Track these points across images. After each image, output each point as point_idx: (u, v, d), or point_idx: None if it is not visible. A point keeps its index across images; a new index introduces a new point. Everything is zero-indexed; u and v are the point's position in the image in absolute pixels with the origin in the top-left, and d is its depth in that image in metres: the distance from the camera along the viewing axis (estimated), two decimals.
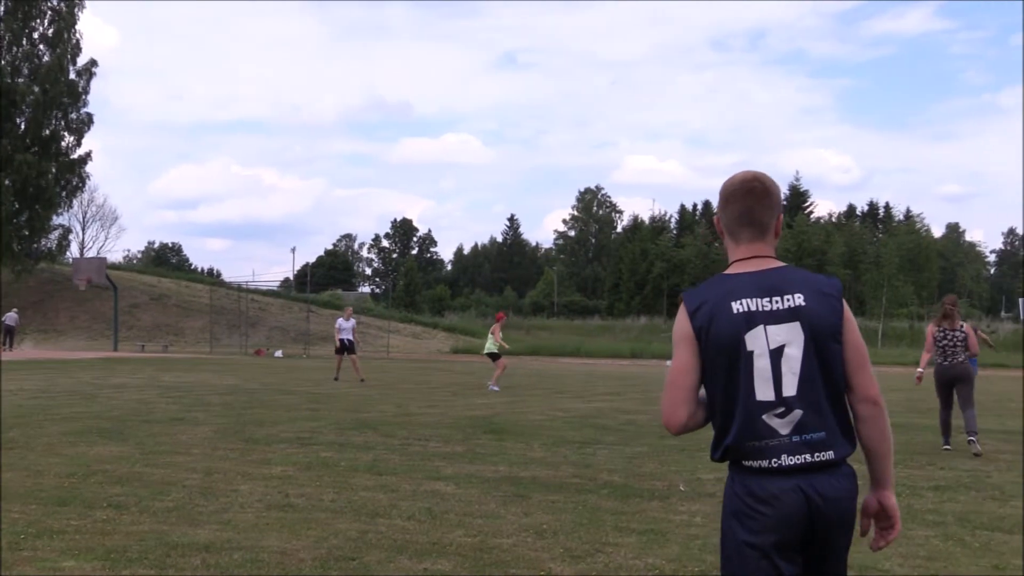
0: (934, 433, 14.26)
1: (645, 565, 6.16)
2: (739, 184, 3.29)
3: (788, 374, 2.98)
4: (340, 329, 27.22)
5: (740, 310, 3.03)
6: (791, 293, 3.04)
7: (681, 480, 9.51)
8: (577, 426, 14.62)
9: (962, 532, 7.23)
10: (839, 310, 3.05)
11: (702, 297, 3.11)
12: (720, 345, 3.02)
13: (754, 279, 3.10)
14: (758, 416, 2.99)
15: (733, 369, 3.01)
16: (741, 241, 3.22)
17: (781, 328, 3.00)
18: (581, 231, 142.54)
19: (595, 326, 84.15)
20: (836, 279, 3.16)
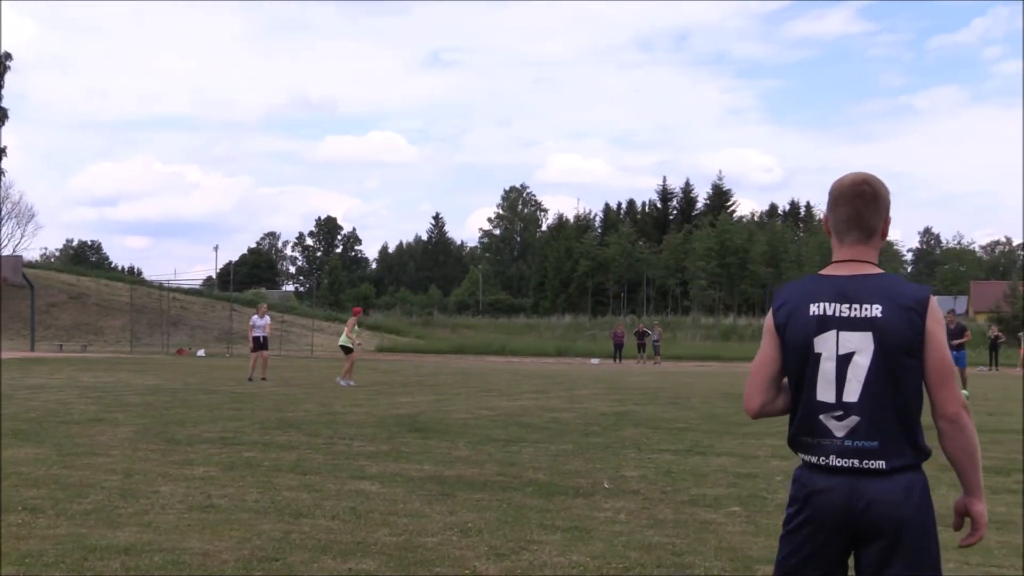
0: None
1: (569, 562, 6.18)
2: (848, 187, 3.33)
3: (853, 380, 3.08)
4: (254, 326, 26.85)
5: (815, 313, 3.15)
6: (870, 303, 3.10)
7: (606, 478, 9.55)
8: (502, 424, 14.63)
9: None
10: (919, 325, 3.06)
11: (787, 295, 3.26)
12: (793, 343, 3.17)
13: (838, 284, 3.18)
14: (816, 415, 3.13)
15: (802, 367, 3.15)
16: (845, 243, 3.27)
17: (853, 336, 3.09)
18: (506, 230, 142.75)
19: (520, 324, 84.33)
20: (924, 291, 3.13)
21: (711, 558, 6.30)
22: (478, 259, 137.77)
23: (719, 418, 16.00)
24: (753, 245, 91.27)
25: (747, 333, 71.77)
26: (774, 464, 10.61)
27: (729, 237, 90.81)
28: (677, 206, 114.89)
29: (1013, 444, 12.82)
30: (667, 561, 6.22)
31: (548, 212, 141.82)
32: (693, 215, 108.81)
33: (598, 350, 55.32)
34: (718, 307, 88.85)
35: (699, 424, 14.99)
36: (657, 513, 7.77)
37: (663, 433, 13.71)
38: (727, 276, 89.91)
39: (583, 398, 20.45)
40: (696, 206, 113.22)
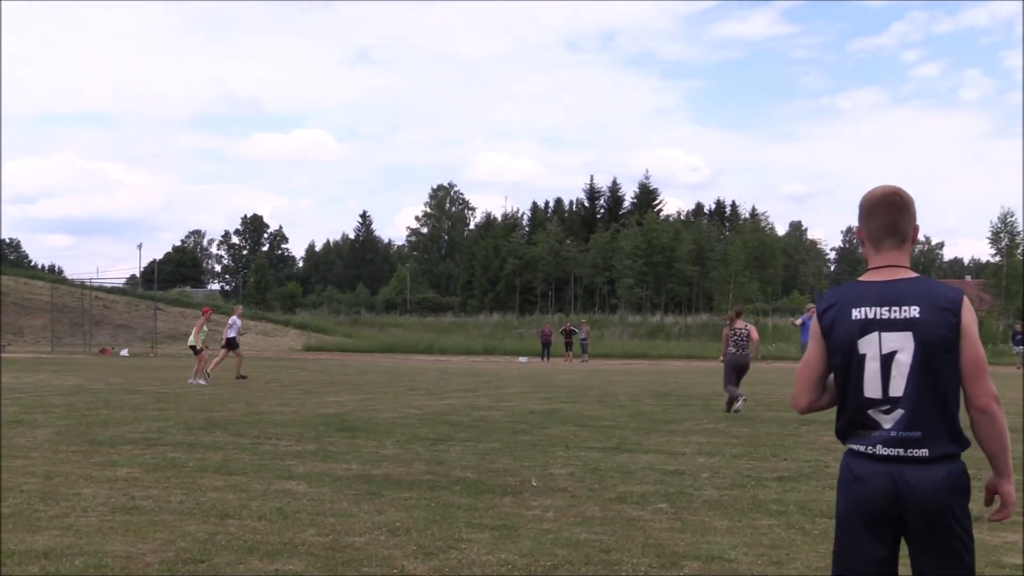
0: (778, 425, 14.73)
1: (498, 560, 6.18)
2: (880, 198, 3.56)
3: (897, 377, 3.36)
4: (230, 326, 27.29)
5: (858, 317, 3.42)
6: (908, 305, 3.37)
7: (534, 476, 9.57)
8: (430, 423, 14.60)
9: (803, 520, 7.45)
10: (954, 324, 3.33)
11: (832, 300, 3.54)
12: (838, 345, 3.46)
13: (878, 289, 3.44)
14: (864, 410, 3.44)
15: (848, 367, 3.45)
16: (881, 250, 3.53)
17: (895, 336, 3.36)
18: (434, 228, 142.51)
19: (448, 323, 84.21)
20: (957, 293, 3.40)
21: (638, 555, 6.33)
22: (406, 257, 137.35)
23: (646, 416, 16.10)
24: (679, 244, 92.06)
25: (674, 331, 72.37)
26: (700, 461, 10.71)
27: (656, 236, 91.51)
28: (604, 205, 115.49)
29: None
30: (595, 558, 6.24)
31: (476, 211, 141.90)
32: (620, 214, 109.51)
33: (526, 348, 55.41)
34: (645, 305, 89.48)
35: (626, 422, 15.07)
36: (585, 510, 7.80)
37: (591, 431, 13.77)
38: (654, 275, 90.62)
39: (511, 396, 20.47)
40: (623, 205, 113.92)
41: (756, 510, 7.84)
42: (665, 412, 16.71)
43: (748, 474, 9.76)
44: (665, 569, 6.00)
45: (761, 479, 9.45)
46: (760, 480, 9.39)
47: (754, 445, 12.14)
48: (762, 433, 13.64)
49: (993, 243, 78.83)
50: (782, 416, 16.27)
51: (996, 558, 6.36)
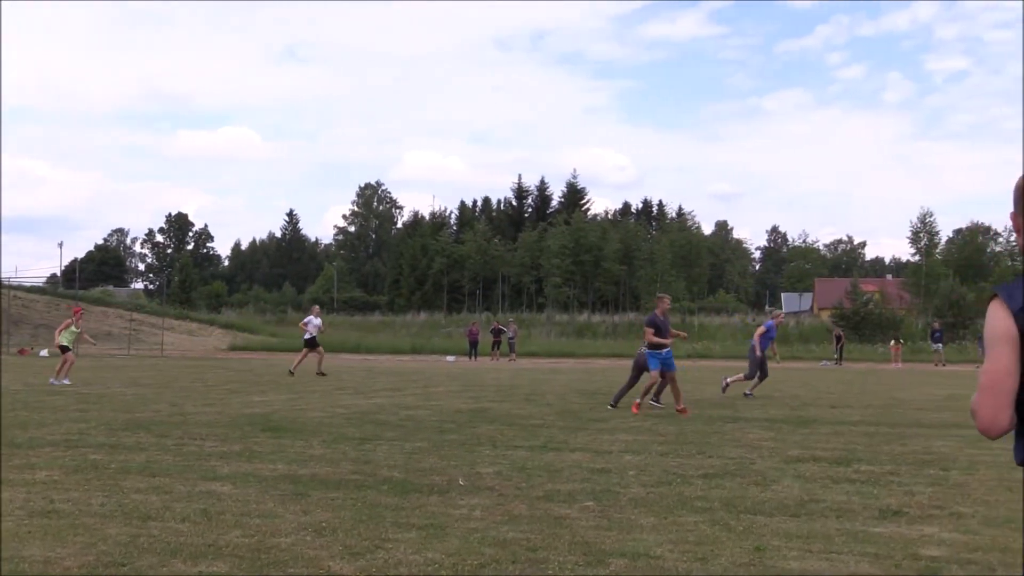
0: (704, 423, 14.88)
1: (424, 560, 6.16)
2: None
3: None
4: (308, 324, 28.86)
5: None
6: None
7: (461, 475, 9.56)
8: (357, 422, 14.53)
9: (728, 517, 7.52)
10: None
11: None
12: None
13: None
14: None
15: None
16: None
17: None
18: (361, 227, 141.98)
19: (375, 322, 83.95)
20: None
21: (565, 553, 6.36)
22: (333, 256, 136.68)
23: (573, 414, 16.18)
24: (607, 243, 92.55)
25: (601, 330, 72.83)
26: (627, 459, 10.78)
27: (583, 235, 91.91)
28: (532, 204, 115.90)
29: (852, 436, 13.28)
30: (521, 556, 6.25)
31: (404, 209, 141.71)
32: (548, 213, 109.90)
33: (453, 347, 55.39)
34: (572, 304, 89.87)
35: (554, 420, 15.12)
36: (512, 509, 7.81)
37: (518, 429, 13.80)
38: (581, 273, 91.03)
39: (438, 395, 20.44)
40: (551, 204, 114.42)
41: (682, 507, 7.91)
42: (592, 411, 16.80)
43: (674, 472, 9.84)
44: (591, 567, 6.03)
45: (687, 476, 9.53)
46: (686, 477, 9.47)
47: (680, 443, 12.25)
48: (688, 431, 13.76)
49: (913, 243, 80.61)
50: (708, 414, 16.43)
51: (914, 551, 6.48)
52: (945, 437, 13.18)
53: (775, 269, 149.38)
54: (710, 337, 65.47)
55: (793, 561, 6.19)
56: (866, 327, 63.06)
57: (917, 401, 19.90)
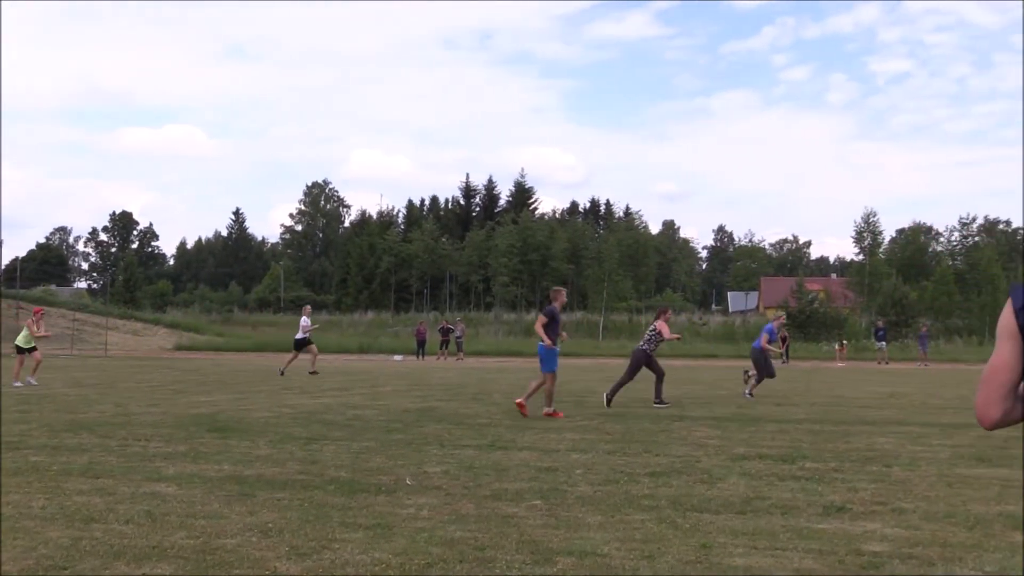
0: (651, 421, 14.95)
1: (371, 560, 6.14)
2: None
3: None
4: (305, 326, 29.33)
5: None
6: None
7: (408, 474, 9.54)
8: (304, 422, 14.46)
9: (675, 515, 7.57)
10: None
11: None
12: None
13: None
14: None
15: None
16: None
17: None
18: (308, 226, 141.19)
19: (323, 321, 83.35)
20: None
21: (512, 552, 6.36)
22: (279, 255, 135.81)
23: (521, 413, 16.18)
24: (554, 242, 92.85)
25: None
26: (574, 457, 10.80)
27: (531, 234, 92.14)
28: (480, 203, 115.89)
29: (797, 433, 13.40)
30: (469, 556, 6.25)
31: (351, 208, 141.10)
32: (496, 212, 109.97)
33: (401, 347, 55.28)
34: (520, 303, 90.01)
35: (501, 419, 15.14)
36: (459, 508, 7.80)
37: (465, 429, 13.79)
38: (529, 273, 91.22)
39: (386, 395, 20.39)
40: (499, 203, 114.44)
41: (629, 505, 7.94)
42: (540, 409, 16.82)
43: (621, 470, 9.88)
44: (539, 566, 6.04)
45: (634, 475, 9.57)
46: (633, 476, 9.51)
47: (627, 441, 12.30)
48: (635, 429, 13.82)
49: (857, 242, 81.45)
50: (655, 412, 16.52)
51: (857, 546, 6.55)
52: (888, 434, 13.35)
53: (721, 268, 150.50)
54: None
55: (739, 558, 6.24)
56: (811, 326, 63.68)
57: (861, 399, 20.13)
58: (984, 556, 6.34)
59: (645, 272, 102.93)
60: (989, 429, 2.92)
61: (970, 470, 10.06)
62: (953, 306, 72.04)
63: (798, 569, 5.98)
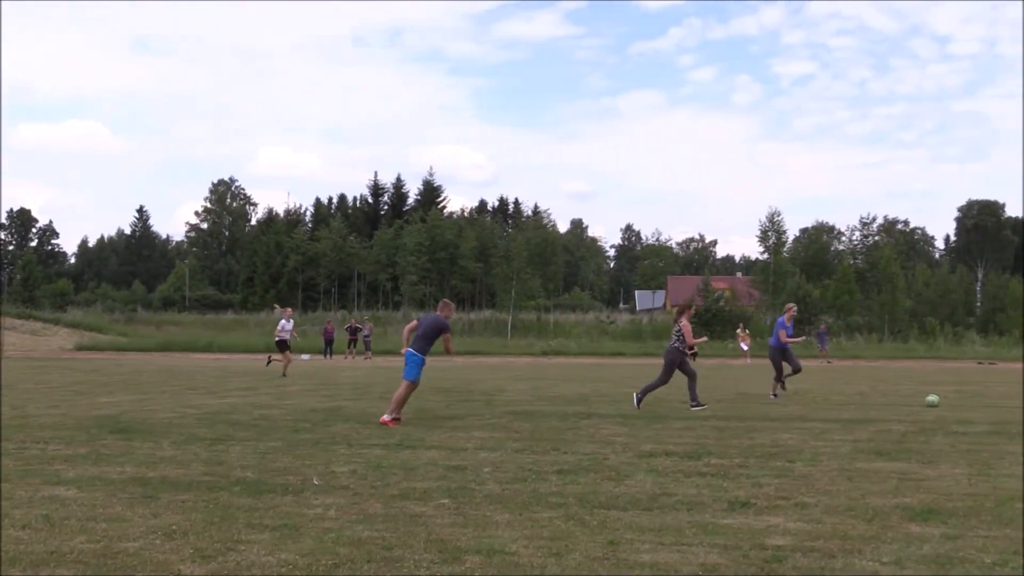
0: (559, 419, 15.01)
1: (278, 561, 6.08)
2: None
3: None
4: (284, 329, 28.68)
5: None
6: None
7: (315, 474, 9.47)
8: (209, 423, 14.27)
9: (582, 512, 7.61)
10: None
11: None
12: None
13: None
14: None
15: None
16: None
17: None
18: (214, 224, 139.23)
19: (229, 320, 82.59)
20: None
21: (420, 551, 6.34)
22: (184, 254, 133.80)
23: (429, 412, 16.16)
24: (463, 241, 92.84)
25: (457, 328, 72.77)
26: (482, 456, 10.81)
27: (439, 233, 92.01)
28: (388, 201, 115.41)
29: (703, 430, 13.56)
30: (377, 555, 6.22)
31: (258, 206, 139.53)
32: (404, 210, 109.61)
33: (308, 346, 54.80)
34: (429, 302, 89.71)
35: (409, 418, 15.08)
36: (367, 508, 7.76)
37: (373, 428, 13.73)
38: (437, 271, 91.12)
39: (293, 394, 20.20)
40: (407, 201, 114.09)
41: (536, 503, 7.97)
42: (448, 408, 16.81)
43: (529, 468, 9.91)
44: (447, 564, 6.03)
45: (542, 473, 9.61)
46: (541, 474, 9.55)
47: (535, 439, 12.33)
48: (543, 427, 13.87)
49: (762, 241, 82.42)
50: (563, 410, 16.60)
51: (760, 541, 6.65)
52: (791, 430, 13.57)
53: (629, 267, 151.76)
54: (565, 334, 66.17)
55: (645, 554, 6.30)
56: (717, 324, 64.49)
57: (765, 395, 20.43)
58: (882, 547, 6.48)
59: (553, 271, 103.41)
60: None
61: (869, 464, 10.28)
62: (854, 304, 73.45)
63: (703, 564, 6.05)
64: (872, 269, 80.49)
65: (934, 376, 30.68)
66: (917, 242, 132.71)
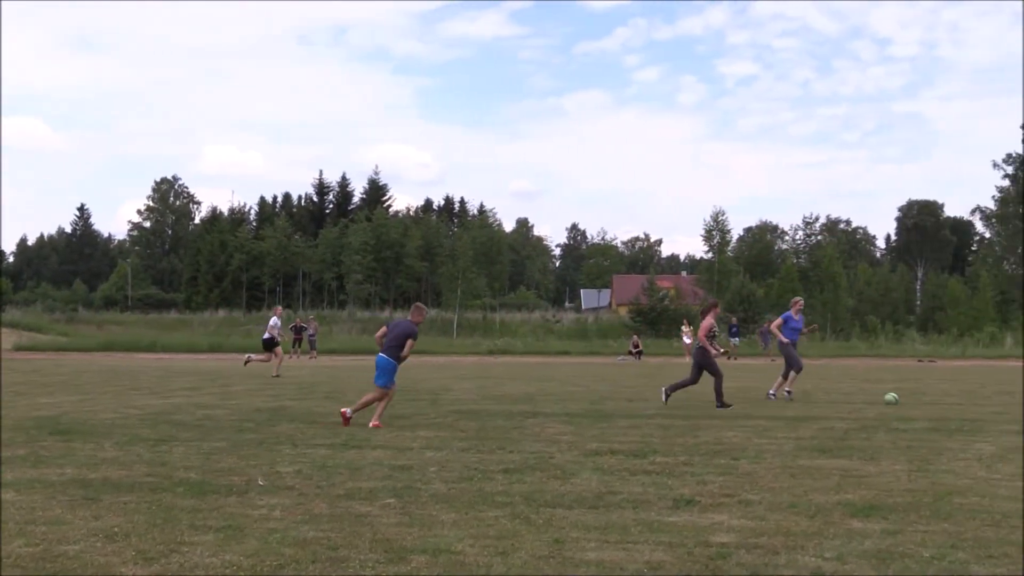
0: (505, 418, 15.03)
1: (222, 562, 6.03)
2: None
3: None
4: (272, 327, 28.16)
5: None
6: None
7: (260, 474, 9.41)
8: (152, 423, 14.12)
9: (528, 511, 7.62)
10: None
11: None
12: None
13: None
14: None
15: None
16: None
17: None
18: (157, 222, 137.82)
19: (172, 320, 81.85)
20: None
21: (366, 551, 6.32)
22: (127, 253, 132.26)
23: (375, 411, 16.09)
24: (408, 240, 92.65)
25: None
26: (428, 455, 10.79)
27: (385, 232, 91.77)
28: (334, 200, 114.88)
29: (648, 428, 13.64)
30: (322, 556, 6.19)
31: (201, 205, 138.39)
32: (349, 209, 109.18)
33: (253, 345, 54.38)
34: (374, 301, 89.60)
35: (355, 418, 15.01)
36: (312, 508, 7.73)
37: (319, 428, 13.66)
38: (383, 270, 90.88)
39: (237, 394, 20.04)
40: (352, 200, 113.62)
41: (482, 502, 7.97)
42: (393, 407, 16.76)
43: (475, 467, 9.91)
44: (392, 564, 6.02)
45: (488, 472, 9.61)
46: (486, 473, 9.55)
47: (481, 438, 12.34)
48: (489, 426, 13.87)
49: (706, 240, 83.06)
50: (509, 409, 16.61)
51: (705, 538, 6.70)
52: (735, 428, 13.68)
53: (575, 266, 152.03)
54: (511, 333, 66.20)
55: (591, 552, 6.32)
56: (662, 322, 64.85)
57: (709, 393, 20.54)
58: (824, 543, 6.55)
59: (499, 270, 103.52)
60: None
61: (812, 461, 10.39)
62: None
63: (648, 562, 6.08)
64: (815, 268, 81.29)
65: (875, 374, 31.05)
66: (859, 241, 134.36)
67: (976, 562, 6.11)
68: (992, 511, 7.64)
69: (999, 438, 12.55)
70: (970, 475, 9.50)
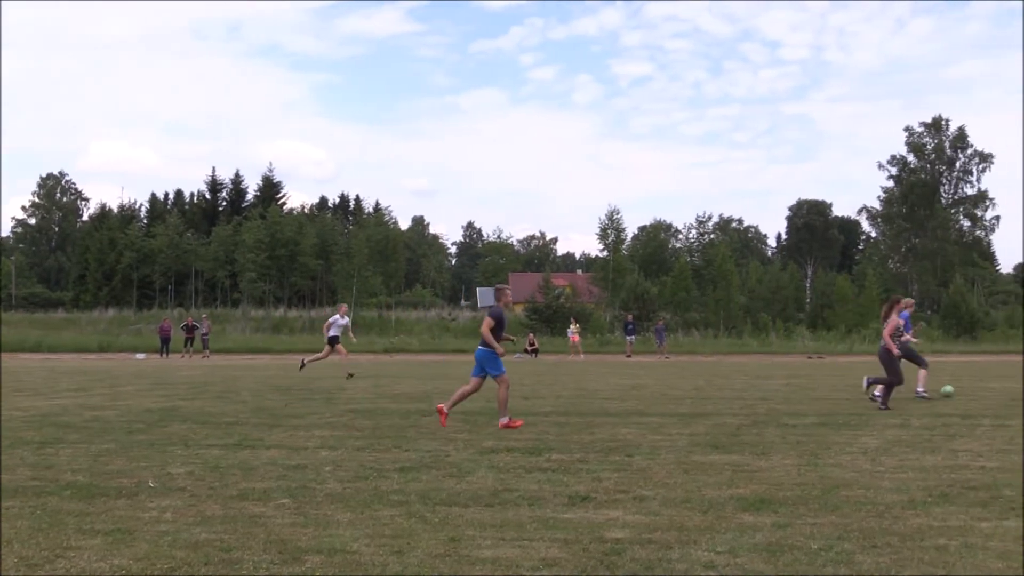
0: (400, 416, 14.99)
1: (111, 567, 5.91)
2: None
3: None
4: (335, 324, 27.17)
5: None
6: None
7: (151, 476, 9.24)
8: (37, 425, 13.76)
9: (424, 509, 7.60)
10: None
11: None
12: None
13: None
14: None
15: None
16: None
17: None
18: (43, 219, 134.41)
19: (59, 319, 79.85)
20: None
21: (260, 552, 6.25)
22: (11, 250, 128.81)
23: (268, 411, 15.93)
24: (303, 237, 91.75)
25: (297, 325, 71.99)
26: (323, 455, 10.71)
27: (279, 229, 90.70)
28: (227, 197, 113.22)
29: (544, 426, 13.70)
30: (215, 558, 6.10)
31: (90, 201, 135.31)
32: (243, 207, 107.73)
33: (143, 345, 53.45)
34: (268, 299, 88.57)
35: (248, 418, 14.84)
36: (205, 509, 7.61)
37: (211, 428, 13.46)
38: (277, 268, 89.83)
39: (127, 395, 19.66)
40: (246, 198, 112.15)
41: (378, 501, 7.93)
42: (288, 407, 16.60)
43: (371, 466, 9.86)
44: (287, 565, 5.95)
45: (383, 470, 9.57)
46: (382, 471, 9.51)
47: (377, 437, 12.28)
48: (384, 425, 13.81)
49: (601, 239, 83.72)
50: (405, 408, 16.56)
51: (600, 534, 6.75)
52: (630, 425, 13.81)
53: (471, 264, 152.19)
54: (407, 332, 66.01)
55: (487, 550, 6.33)
56: (558, 320, 65.19)
57: (604, 391, 20.76)
58: (716, 537, 6.65)
59: (395, 268, 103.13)
60: None
61: (705, 457, 10.54)
62: (691, 300, 75.27)
63: (544, 558, 6.11)
64: (708, 266, 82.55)
65: (767, 370, 31.64)
66: (751, 240, 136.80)
67: (861, 552, 6.26)
68: (876, 502, 7.84)
69: (883, 432, 12.88)
70: (856, 468, 9.73)
